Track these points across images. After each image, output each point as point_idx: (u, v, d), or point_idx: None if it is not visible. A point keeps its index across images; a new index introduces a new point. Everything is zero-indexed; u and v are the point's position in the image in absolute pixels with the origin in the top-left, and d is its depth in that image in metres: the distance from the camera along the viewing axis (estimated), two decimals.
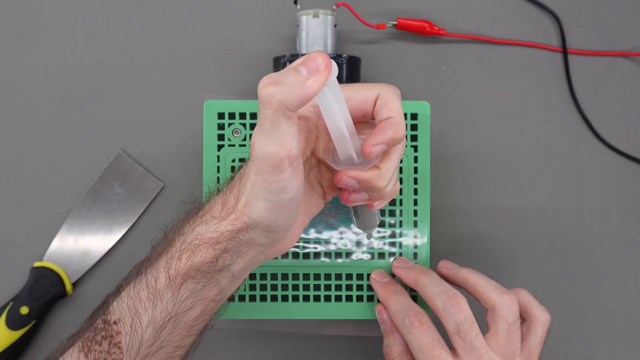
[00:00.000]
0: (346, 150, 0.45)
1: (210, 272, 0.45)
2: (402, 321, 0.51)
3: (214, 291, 0.46)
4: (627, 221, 0.65)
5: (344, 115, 0.44)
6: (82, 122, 0.63)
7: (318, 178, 0.50)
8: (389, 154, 0.46)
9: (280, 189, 0.43)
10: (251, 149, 0.43)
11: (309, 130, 0.47)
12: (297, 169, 0.43)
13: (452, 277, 0.54)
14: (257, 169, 0.43)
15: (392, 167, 0.46)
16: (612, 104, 0.65)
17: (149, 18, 0.64)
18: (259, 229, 0.45)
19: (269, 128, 0.42)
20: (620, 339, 0.64)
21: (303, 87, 0.40)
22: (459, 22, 0.64)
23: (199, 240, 0.45)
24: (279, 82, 0.41)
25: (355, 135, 0.45)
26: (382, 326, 0.54)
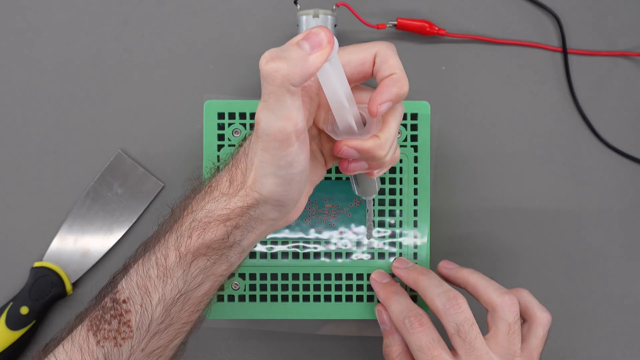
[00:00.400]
0: (346, 120, 0.45)
1: (221, 249, 0.45)
2: (402, 322, 0.51)
3: (224, 266, 0.46)
4: (627, 221, 0.65)
5: (344, 87, 0.44)
6: (82, 122, 0.63)
7: (320, 147, 0.50)
8: (388, 122, 0.46)
9: (288, 163, 0.43)
10: (256, 125, 0.43)
11: (310, 101, 0.47)
12: (304, 141, 0.44)
13: (452, 277, 0.54)
14: (264, 145, 0.43)
15: (391, 135, 0.46)
16: (612, 104, 0.65)
17: (149, 18, 0.64)
18: (269, 204, 0.45)
19: (274, 103, 0.42)
20: (621, 339, 0.64)
21: (306, 63, 0.40)
22: (459, 22, 0.64)
23: (210, 218, 0.45)
24: (282, 57, 0.41)
25: (355, 104, 0.45)
26: (382, 327, 0.54)
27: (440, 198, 0.63)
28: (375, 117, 0.45)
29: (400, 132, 0.56)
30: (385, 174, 0.56)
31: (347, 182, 0.56)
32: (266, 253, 0.56)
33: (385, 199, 0.56)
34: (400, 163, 0.56)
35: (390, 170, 0.56)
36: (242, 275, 0.56)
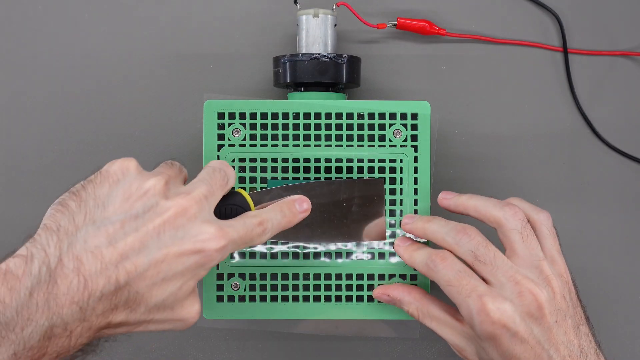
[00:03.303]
0: None
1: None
2: (427, 266, 0.51)
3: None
4: (627, 221, 0.65)
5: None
6: (82, 122, 0.63)
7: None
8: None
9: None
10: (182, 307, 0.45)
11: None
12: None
13: (453, 207, 0.54)
14: (161, 326, 0.45)
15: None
16: (612, 104, 0.65)
17: (149, 18, 0.64)
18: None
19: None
20: (621, 339, 0.64)
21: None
22: (459, 22, 0.64)
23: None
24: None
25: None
26: (391, 302, 0.54)
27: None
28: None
29: (400, 132, 0.56)
30: (385, 173, 0.56)
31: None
32: (266, 253, 0.56)
33: (385, 199, 0.56)
34: (401, 163, 0.56)
35: (390, 170, 0.56)
36: (242, 276, 0.56)
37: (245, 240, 0.46)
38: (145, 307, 0.43)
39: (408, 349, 0.64)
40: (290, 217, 0.50)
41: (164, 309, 0.44)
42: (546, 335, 0.48)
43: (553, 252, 0.51)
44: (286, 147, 0.56)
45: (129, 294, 0.42)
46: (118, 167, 0.45)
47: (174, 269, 0.43)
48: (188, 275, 0.43)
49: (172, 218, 0.43)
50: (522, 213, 0.50)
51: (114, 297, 0.41)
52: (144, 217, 0.43)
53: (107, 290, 0.41)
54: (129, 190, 0.44)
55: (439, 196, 0.55)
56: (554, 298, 0.48)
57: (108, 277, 0.41)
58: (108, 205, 0.43)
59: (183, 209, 0.43)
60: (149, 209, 0.43)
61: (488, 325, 0.47)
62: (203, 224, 0.44)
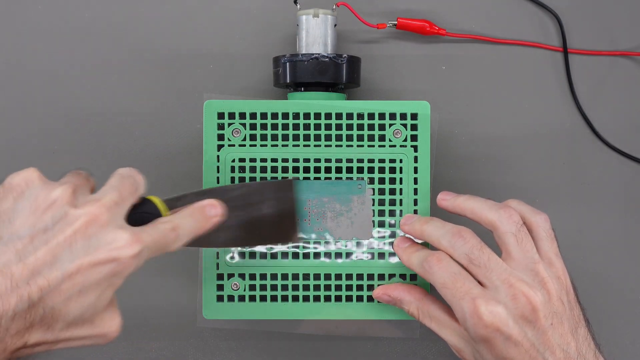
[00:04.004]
0: None
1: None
2: (422, 268, 0.51)
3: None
4: (627, 221, 0.65)
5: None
6: (82, 122, 0.63)
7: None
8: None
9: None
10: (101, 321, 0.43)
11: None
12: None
13: (451, 207, 0.53)
14: (81, 335, 0.43)
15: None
16: (612, 104, 0.65)
17: (148, 18, 0.64)
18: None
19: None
20: (621, 339, 0.64)
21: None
22: (459, 22, 0.64)
23: None
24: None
25: None
26: (392, 302, 0.54)
27: None
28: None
29: (400, 132, 0.56)
30: (385, 173, 0.56)
31: (347, 182, 0.56)
32: (266, 253, 0.56)
33: (385, 199, 0.56)
34: (400, 163, 0.56)
35: (390, 170, 0.56)
36: (242, 276, 0.56)
37: (159, 246, 0.45)
38: (63, 323, 0.41)
39: (408, 349, 0.64)
40: (203, 222, 0.48)
41: (82, 323, 0.42)
42: (541, 338, 0.47)
43: (550, 255, 0.50)
44: (286, 147, 0.56)
45: (44, 311, 0.40)
46: (21, 179, 0.43)
47: (89, 279, 0.41)
48: (104, 285, 0.42)
49: (83, 227, 0.41)
50: (517, 215, 0.50)
51: (28, 315, 0.40)
52: (54, 228, 0.41)
53: (20, 308, 0.39)
54: (35, 202, 0.42)
55: (438, 197, 0.54)
56: (549, 301, 0.48)
57: (20, 295, 0.39)
58: (14, 219, 0.41)
59: (94, 217, 0.42)
60: (58, 219, 0.41)
61: (481, 328, 0.47)
62: (116, 230, 0.42)
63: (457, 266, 0.50)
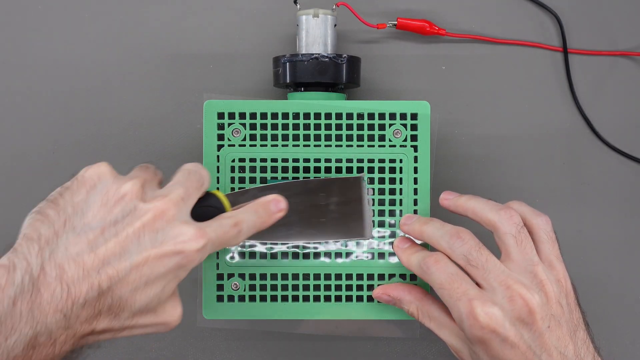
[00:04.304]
0: None
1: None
2: (420, 269, 0.51)
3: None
4: (627, 221, 0.65)
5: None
6: (82, 122, 0.63)
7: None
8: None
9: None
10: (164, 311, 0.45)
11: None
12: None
13: (453, 207, 0.54)
14: (145, 329, 0.44)
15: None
16: (612, 104, 0.65)
17: (148, 18, 0.64)
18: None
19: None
20: (620, 339, 0.64)
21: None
22: (459, 22, 0.64)
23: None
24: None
25: None
26: (391, 302, 0.54)
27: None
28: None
29: (400, 132, 0.56)
30: (385, 173, 0.56)
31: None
32: (266, 253, 0.56)
33: (385, 199, 0.56)
34: (400, 163, 0.56)
35: (390, 170, 0.56)
36: (242, 276, 0.56)
37: (222, 241, 0.46)
38: (129, 312, 0.43)
39: (408, 349, 0.64)
40: (266, 218, 0.50)
41: (147, 312, 0.44)
42: (537, 341, 0.47)
43: (551, 257, 0.50)
44: (286, 147, 0.56)
45: (112, 300, 0.42)
46: (93, 172, 0.45)
47: (155, 271, 0.43)
48: (169, 277, 0.44)
49: (151, 221, 0.43)
50: (518, 217, 0.50)
51: (98, 303, 0.42)
52: (123, 221, 0.43)
53: (90, 296, 0.41)
54: (106, 195, 0.44)
55: (440, 196, 0.54)
56: (547, 303, 0.48)
57: (91, 283, 0.41)
58: (86, 211, 0.43)
59: (161, 212, 0.44)
60: (128, 213, 0.43)
61: (477, 329, 0.47)
62: (182, 225, 0.44)
63: (455, 267, 0.50)
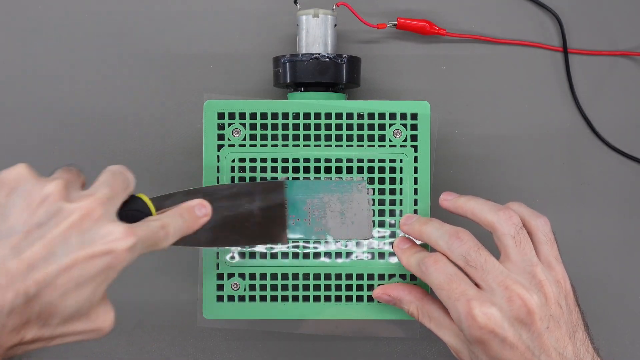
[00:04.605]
0: None
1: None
2: (419, 269, 0.51)
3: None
4: (627, 221, 0.65)
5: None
6: (82, 122, 0.63)
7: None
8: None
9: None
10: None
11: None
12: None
13: (452, 208, 0.53)
14: (76, 330, 0.43)
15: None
16: (613, 104, 0.65)
17: (148, 18, 0.64)
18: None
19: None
20: (620, 339, 0.64)
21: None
22: (459, 22, 0.64)
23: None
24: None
25: None
26: (391, 301, 0.54)
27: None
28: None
29: (400, 132, 0.56)
30: (385, 173, 0.56)
31: (347, 182, 0.56)
32: (266, 253, 0.56)
33: (385, 199, 0.56)
34: (400, 163, 0.56)
35: (390, 170, 0.56)
36: (242, 275, 0.56)
37: (150, 243, 0.45)
38: (59, 318, 0.41)
39: (408, 349, 0.64)
40: (191, 222, 0.48)
41: (78, 318, 0.42)
42: (536, 341, 0.47)
43: (550, 259, 0.50)
44: (286, 147, 0.56)
45: (40, 306, 0.40)
46: (12, 175, 0.43)
47: (85, 273, 0.41)
48: (99, 278, 0.42)
49: (78, 221, 0.41)
50: (517, 217, 0.50)
51: (25, 311, 0.40)
52: (49, 223, 0.41)
53: (16, 304, 0.39)
54: (28, 197, 0.42)
55: (440, 197, 0.54)
56: (546, 304, 0.48)
57: (16, 290, 0.39)
58: (8, 215, 0.41)
59: (88, 211, 0.42)
60: (53, 214, 0.41)
61: (475, 330, 0.47)
62: (110, 224, 0.42)
63: (454, 267, 0.50)
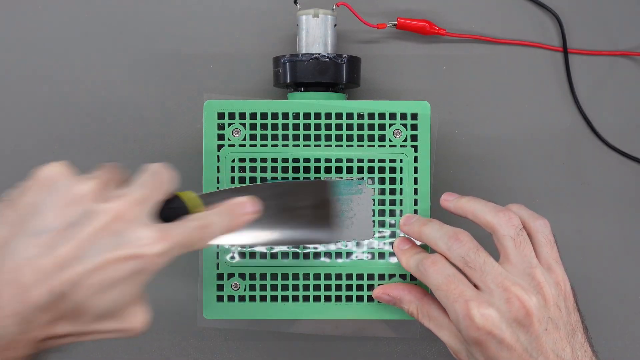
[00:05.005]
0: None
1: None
2: (418, 270, 0.51)
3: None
4: (627, 221, 0.65)
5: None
6: (82, 122, 0.63)
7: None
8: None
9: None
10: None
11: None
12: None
13: (453, 209, 0.53)
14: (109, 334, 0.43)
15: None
16: (612, 104, 0.65)
17: (148, 18, 0.64)
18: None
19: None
20: (620, 339, 0.64)
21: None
22: (459, 22, 0.64)
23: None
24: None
25: None
26: (391, 301, 0.54)
27: (441, 198, 0.63)
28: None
29: (400, 132, 0.56)
30: (385, 173, 0.56)
31: (347, 182, 0.56)
32: (266, 253, 0.56)
33: (385, 199, 0.56)
34: (400, 163, 0.56)
35: (390, 170, 0.56)
36: (242, 276, 0.56)
37: (186, 244, 0.44)
38: (90, 316, 0.41)
39: (408, 349, 0.64)
40: (235, 220, 0.48)
41: (110, 317, 0.42)
42: (534, 343, 0.47)
43: (550, 261, 0.50)
44: (286, 147, 0.56)
45: (71, 304, 0.40)
46: (50, 172, 0.43)
47: (114, 275, 0.41)
48: (129, 281, 0.42)
49: (109, 223, 0.41)
50: (517, 219, 0.50)
51: (56, 308, 0.40)
52: (82, 223, 0.41)
53: (47, 300, 0.40)
54: (63, 195, 0.42)
55: (441, 197, 0.54)
56: (544, 305, 0.48)
57: (47, 287, 0.40)
58: (43, 212, 0.41)
59: (120, 213, 0.42)
60: (85, 214, 0.41)
61: (473, 330, 0.47)
62: (141, 228, 0.42)
63: (452, 269, 0.50)
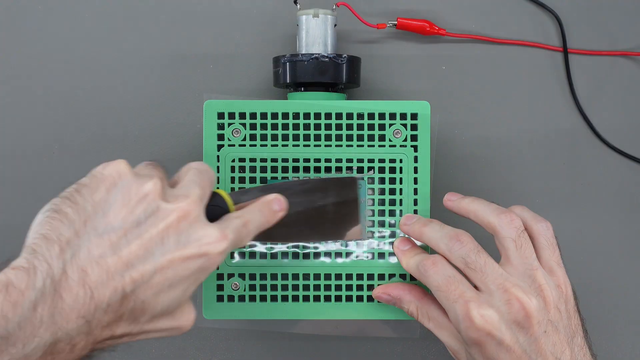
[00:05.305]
0: None
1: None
2: (418, 270, 0.51)
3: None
4: (627, 221, 0.65)
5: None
6: (82, 122, 0.63)
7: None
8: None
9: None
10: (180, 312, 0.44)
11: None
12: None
13: (456, 209, 0.53)
14: (160, 332, 0.44)
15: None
16: (612, 104, 0.65)
17: (148, 18, 0.64)
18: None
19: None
20: (621, 339, 0.64)
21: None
22: (459, 22, 0.64)
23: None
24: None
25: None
26: (391, 301, 0.54)
27: (440, 198, 0.62)
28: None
29: (400, 132, 0.56)
30: (385, 173, 0.56)
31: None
32: (266, 253, 0.56)
33: (385, 199, 0.56)
34: (400, 163, 0.56)
35: (390, 170, 0.56)
36: (242, 276, 0.56)
37: (237, 243, 0.45)
38: (149, 315, 0.42)
39: (408, 349, 0.64)
40: (269, 217, 0.49)
41: (166, 316, 0.43)
42: (533, 345, 0.47)
43: (551, 263, 0.50)
44: (286, 147, 0.56)
45: (134, 303, 0.41)
46: (113, 170, 0.43)
47: (179, 274, 0.42)
48: (191, 280, 0.43)
49: (175, 222, 0.42)
50: (519, 221, 0.50)
51: (120, 308, 0.40)
52: (146, 222, 0.41)
53: (113, 300, 0.40)
54: (127, 194, 0.42)
55: (445, 197, 0.55)
56: (545, 308, 0.48)
57: (114, 287, 0.40)
58: (108, 211, 0.42)
59: (185, 213, 0.42)
60: (151, 213, 0.42)
61: (473, 331, 0.47)
62: (205, 227, 0.43)
63: (452, 269, 0.50)
